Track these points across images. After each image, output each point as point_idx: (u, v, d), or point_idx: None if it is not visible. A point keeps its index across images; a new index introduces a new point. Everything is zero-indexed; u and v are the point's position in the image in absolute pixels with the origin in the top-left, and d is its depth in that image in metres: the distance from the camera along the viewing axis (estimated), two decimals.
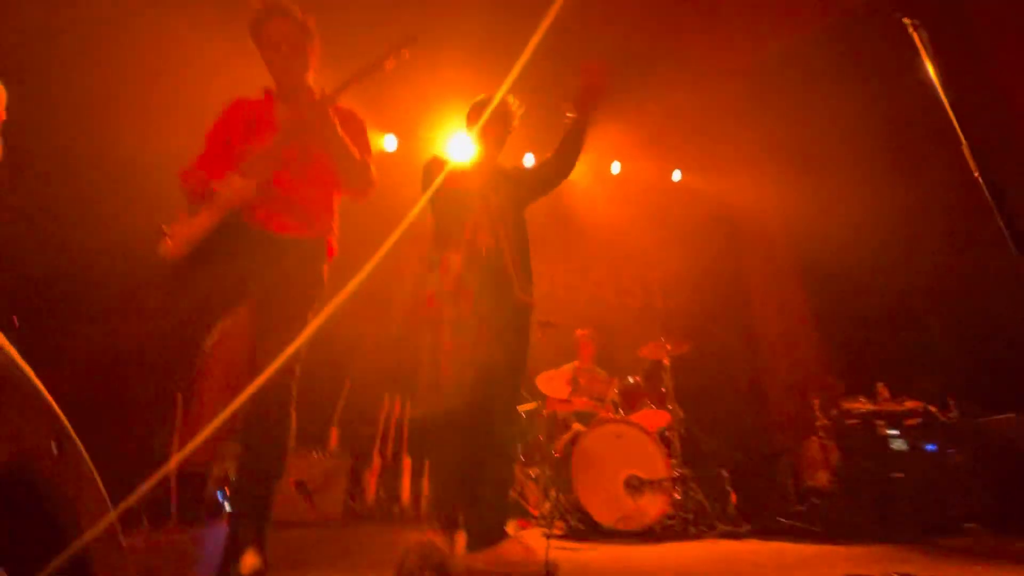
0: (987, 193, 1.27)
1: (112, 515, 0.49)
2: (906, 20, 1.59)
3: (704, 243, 6.12)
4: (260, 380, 1.56)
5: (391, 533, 2.95)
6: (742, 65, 5.51)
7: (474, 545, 1.76)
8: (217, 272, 1.60)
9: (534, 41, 2.12)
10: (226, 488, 3.14)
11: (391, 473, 3.98)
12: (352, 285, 1.72)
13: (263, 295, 1.64)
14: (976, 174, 1.31)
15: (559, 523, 3.08)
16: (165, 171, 1.89)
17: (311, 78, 1.87)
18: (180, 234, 1.59)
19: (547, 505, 3.24)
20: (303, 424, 3.95)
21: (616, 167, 6.07)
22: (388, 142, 5.51)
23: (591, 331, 4.22)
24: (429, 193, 2.09)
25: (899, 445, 3.17)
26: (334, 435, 3.89)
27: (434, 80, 4.89)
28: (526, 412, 3.89)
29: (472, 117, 2.24)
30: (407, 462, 3.99)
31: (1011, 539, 2.60)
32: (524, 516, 3.37)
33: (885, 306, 4.57)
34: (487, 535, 1.76)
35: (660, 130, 5.72)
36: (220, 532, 2.15)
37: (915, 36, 1.58)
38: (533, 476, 3.64)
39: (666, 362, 3.50)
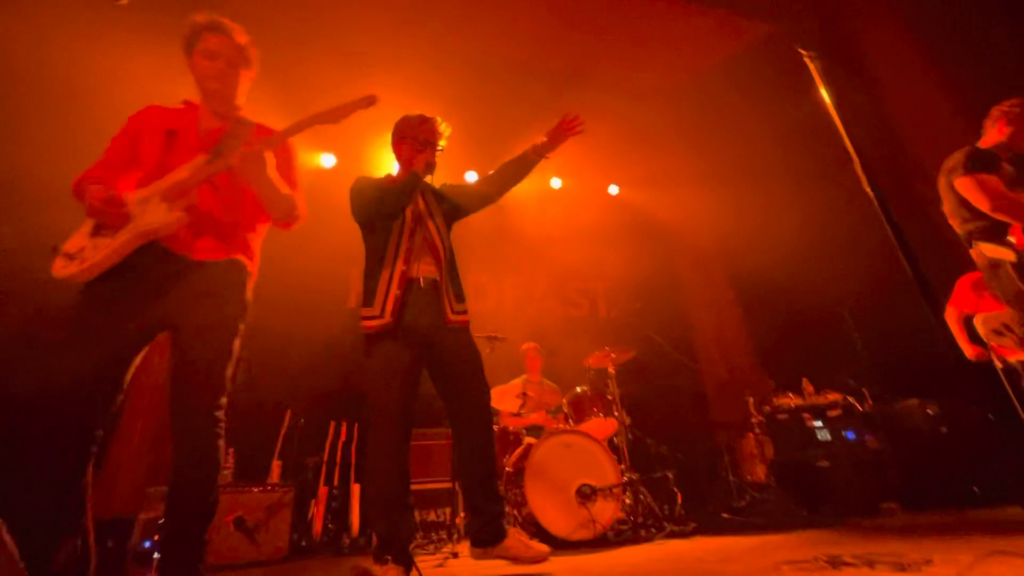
0: (876, 204, 1.44)
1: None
2: (803, 52, 1.77)
3: (642, 254, 6.40)
4: (186, 415, 1.47)
5: (340, 566, 2.83)
6: (669, 87, 5.89)
7: (481, 546, 1.96)
8: (133, 299, 1.48)
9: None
10: (155, 535, 2.90)
11: (339, 503, 3.83)
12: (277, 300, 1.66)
13: (185, 324, 1.53)
14: (866, 188, 1.48)
15: None
16: (63, 189, 1.74)
17: (240, 103, 1.82)
18: (91, 259, 1.47)
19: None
20: (242, 458, 3.73)
21: (556, 182, 6.26)
22: (326, 160, 5.41)
23: (537, 344, 4.29)
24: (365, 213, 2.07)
25: (824, 435, 3.43)
26: (276, 467, 3.70)
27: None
28: None
29: (398, 138, 2.23)
30: (356, 489, 3.86)
31: (923, 513, 2.87)
32: None
33: (806, 307, 4.96)
34: (491, 536, 1.94)
35: (597, 147, 5.96)
36: None
37: (811, 66, 1.77)
38: None
39: (611, 370, 3.61)
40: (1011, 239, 2.00)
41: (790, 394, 3.80)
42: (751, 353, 5.77)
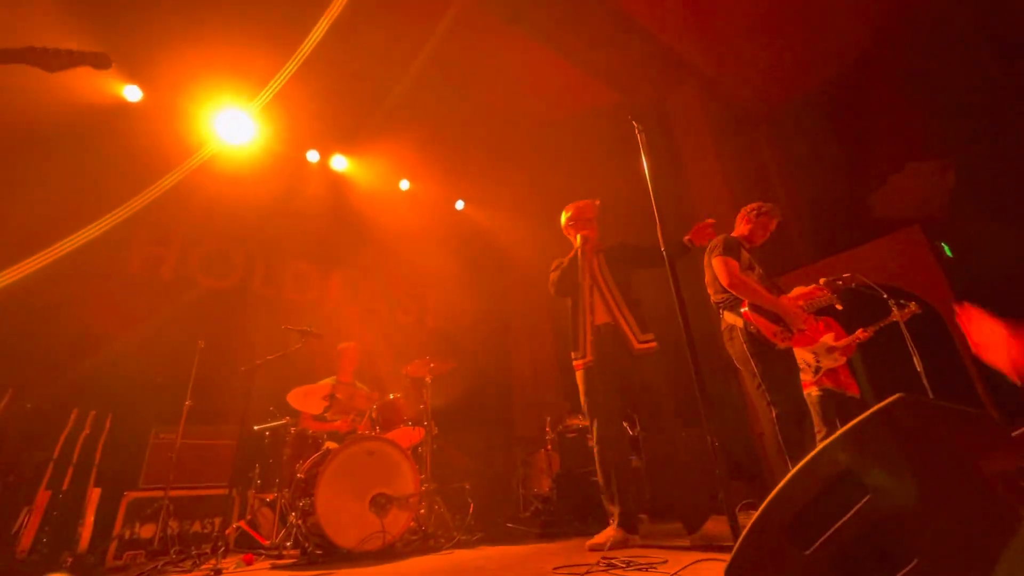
0: (666, 261, 1.74)
1: None
2: (634, 123, 2.08)
3: (477, 271, 6.63)
4: None
5: None
6: (531, 122, 6.33)
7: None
8: None
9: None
10: None
11: (65, 512, 3.07)
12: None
13: None
14: (661, 246, 1.78)
15: (292, 552, 2.83)
16: None
17: None
18: None
19: (281, 533, 2.95)
20: None
21: (405, 184, 6.15)
22: (130, 92, 4.46)
23: (355, 344, 4.07)
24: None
25: None
26: None
27: (184, 22, 4.28)
28: (269, 429, 3.49)
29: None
30: (94, 494, 3.14)
31: (662, 522, 3.46)
32: (253, 548, 2.97)
33: None
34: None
35: (450, 159, 6.07)
36: None
37: (638, 136, 2.08)
38: (269, 501, 3.27)
39: (428, 380, 3.61)
40: (742, 310, 2.59)
41: (580, 415, 4.28)
42: (555, 378, 6.35)
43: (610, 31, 5.44)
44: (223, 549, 2.56)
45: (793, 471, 0.88)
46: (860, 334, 3.50)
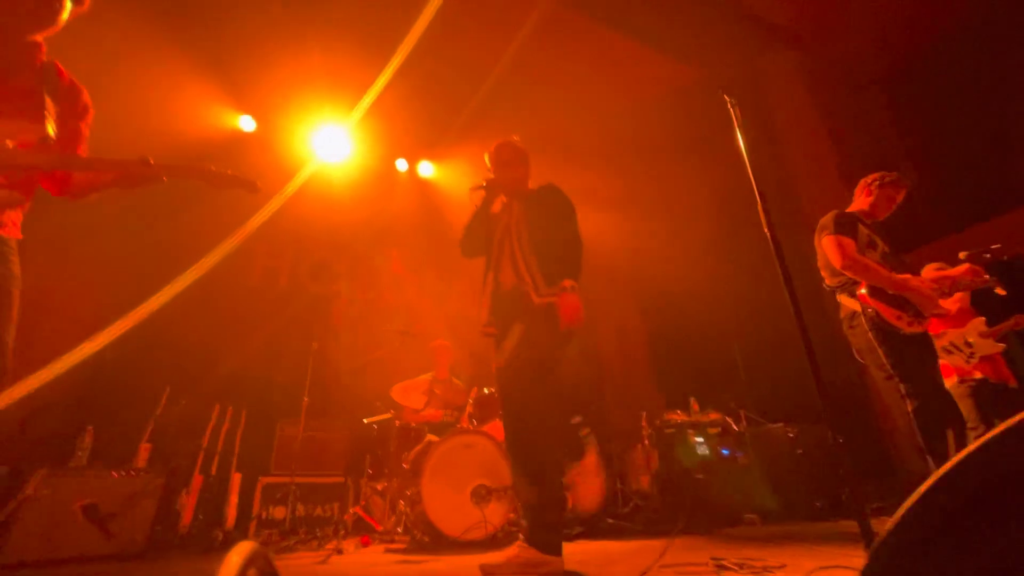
0: (770, 241, 1.60)
1: None
2: (726, 97, 1.94)
3: None
4: None
5: (205, 562, 2.60)
6: (603, 110, 6.17)
7: None
8: None
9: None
10: None
11: (214, 493, 3.52)
12: (185, 279, 1.51)
13: None
14: (764, 228, 1.64)
15: (403, 537, 3.02)
16: None
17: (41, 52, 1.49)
18: None
19: (392, 520, 3.15)
20: (102, 439, 3.31)
21: None
22: (245, 123, 5.00)
23: (448, 342, 4.23)
24: None
25: (703, 451, 3.75)
26: (144, 451, 3.32)
27: (298, 64, 4.64)
28: (377, 423, 3.75)
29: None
30: (236, 479, 3.57)
31: (777, 524, 3.22)
32: (368, 532, 3.22)
33: (700, 332, 5.40)
34: None
35: (533, 158, 6.08)
36: None
37: (732, 112, 1.93)
38: (379, 490, 3.51)
39: None
40: (859, 292, 2.32)
41: (678, 411, 4.11)
42: (648, 370, 6.15)
43: (691, 5, 5.14)
44: (343, 533, 2.80)
45: (946, 468, 0.77)
46: (1021, 319, 3.00)
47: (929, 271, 2.78)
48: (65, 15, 1.41)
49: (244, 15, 4.41)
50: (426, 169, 5.97)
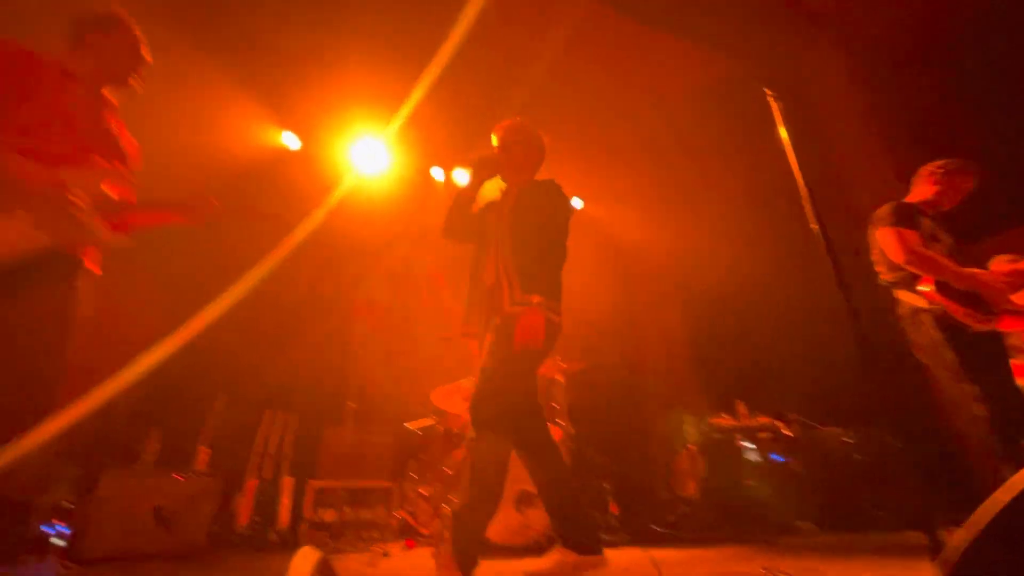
0: (821, 240, 1.54)
1: None
2: (767, 91, 1.88)
3: (597, 268, 6.53)
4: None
5: (262, 561, 2.70)
6: (637, 107, 6.08)
7: None
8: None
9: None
10: (56, 520, 2.69)
11: (267, 495, 3.67)
12: (237, 290, 1.62)
13: None
14: (812, 224, 1.58)
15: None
16: None
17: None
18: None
19: (437, 524, 3.19)
20: (166, 443, 3.51)
21: None
22: (289, 140, 5.21)
23: None
24: None
25: (752, 456, 3.61)
26: (203, 455, 3.50)
27: (339, 80, 4.79)
28: (421, 429, 3.82)
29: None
30: (287, 482, 3.71)
31: (834, 534, 3.07)
32: (413, 536, 3.27)
33: (744, 333, 5.21)
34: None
35: (572, 160, 6.06)
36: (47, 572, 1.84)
37: (773, 106, 1.87)
38: (425, 495, 3.56)
39: (560, 380, 3.65)
40: (921, 288, 2.18)
41: (724, 415, 3.98)
42: (693, 373, 5.99)
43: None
44: (389, 536, 2.85)
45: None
46: None
47: (999, 263, 2.60)
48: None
49: (288, 39, 4.60)
50: (461, 177, 6.05)
